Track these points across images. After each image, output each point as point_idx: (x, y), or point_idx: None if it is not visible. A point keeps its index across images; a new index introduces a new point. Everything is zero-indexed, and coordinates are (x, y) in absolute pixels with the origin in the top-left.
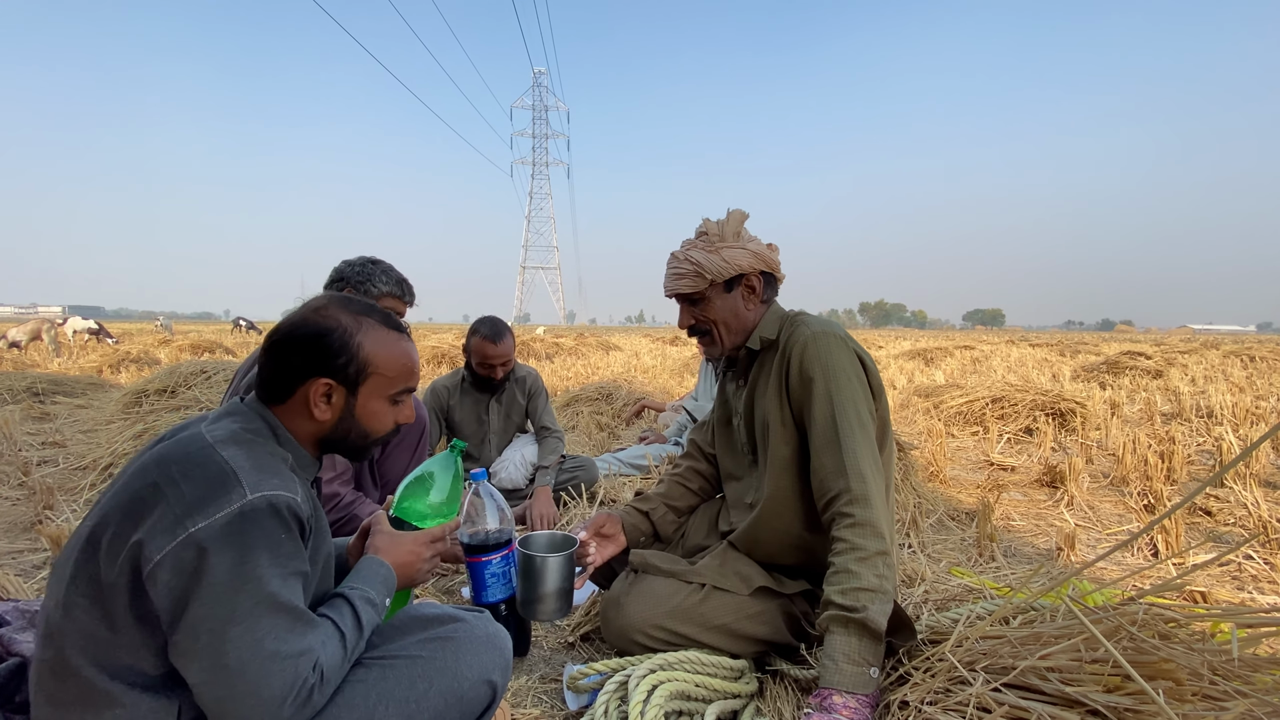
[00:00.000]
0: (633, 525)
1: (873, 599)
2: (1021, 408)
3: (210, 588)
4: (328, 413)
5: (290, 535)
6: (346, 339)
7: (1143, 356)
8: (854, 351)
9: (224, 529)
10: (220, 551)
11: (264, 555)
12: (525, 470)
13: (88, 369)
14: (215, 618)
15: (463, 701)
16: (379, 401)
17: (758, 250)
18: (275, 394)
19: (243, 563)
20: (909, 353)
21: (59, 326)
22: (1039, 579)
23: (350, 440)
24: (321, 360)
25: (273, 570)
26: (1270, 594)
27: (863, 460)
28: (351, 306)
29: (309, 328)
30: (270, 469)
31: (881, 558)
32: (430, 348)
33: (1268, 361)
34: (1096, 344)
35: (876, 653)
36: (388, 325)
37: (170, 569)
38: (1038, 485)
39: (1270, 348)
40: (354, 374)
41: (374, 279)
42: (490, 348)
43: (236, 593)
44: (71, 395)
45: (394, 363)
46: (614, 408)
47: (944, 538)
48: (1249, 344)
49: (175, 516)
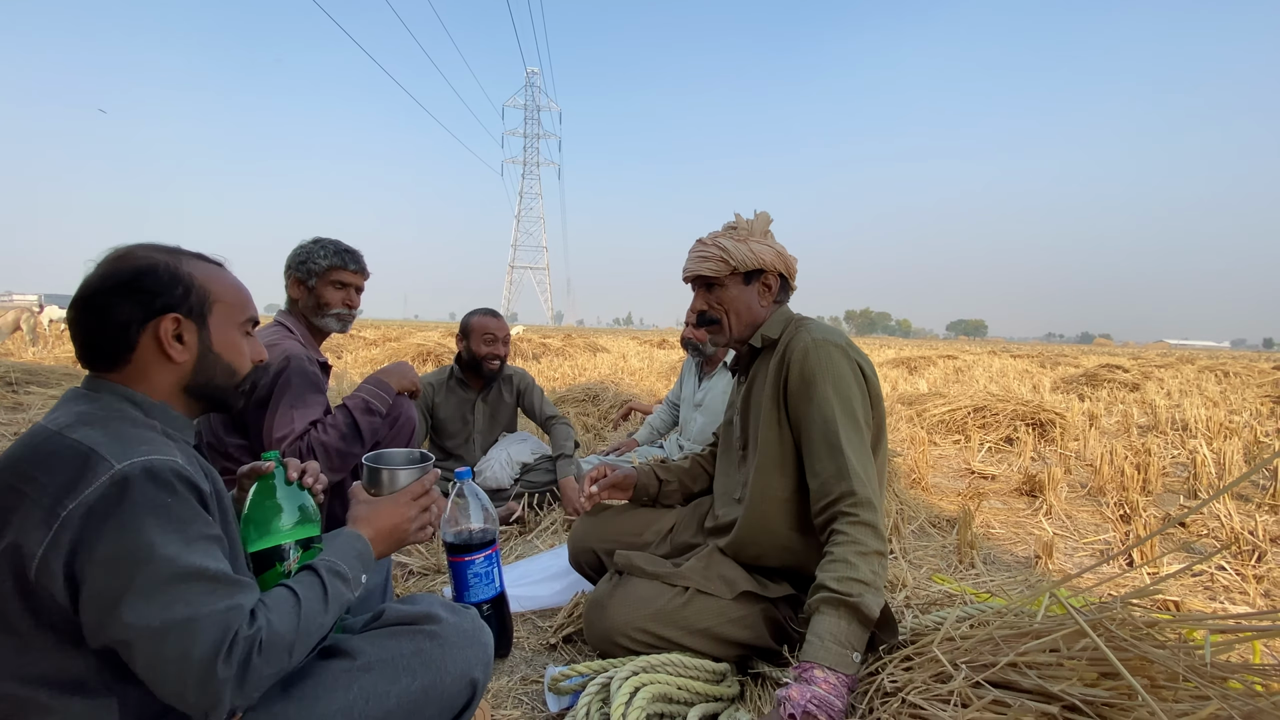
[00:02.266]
0: (642, 486)
1: (866, 590)
2: (1003, 417)
3: (103, 565)
4: (184, 353)
5: (180, 499)
6: (174, 270)
7: (1120, 370)
8: (854, 360)
9: (99, 503)
10: (101, 526)
11: (150, 522)
12: (511, 470)
13: (63, 359)
14: (115, 593)
15: (444, 697)
16: (232, 331)
17: (781, 251)
18: (112, 357)
19: (130, 533)
20: (893, 361)
21: (36, 315)
22: (1018, 586)
23: (217, 382)
24: (155, 297)
25: (167, 537)
26: (1241, 604)
27: (864, 465)
28: (158, 245)
29: (125, 272)
30: (134, 439)
31: (878, 557)
32: (415, 345)
33: (1241, 377)
34: (1076, 356)
35: (862, 639)
36: (204, 258)
37: (56, 559)
38: (1017, 494)
39: (1244, 363)
40: (198, 304)
41: (313, 255)
42: (491, 321)
43: (134, 566)
44: (46, 385)
45: (231, 289)
46: (601, 409)
47: (925, 544)
48: (1223, 359)
49: (45, 508)
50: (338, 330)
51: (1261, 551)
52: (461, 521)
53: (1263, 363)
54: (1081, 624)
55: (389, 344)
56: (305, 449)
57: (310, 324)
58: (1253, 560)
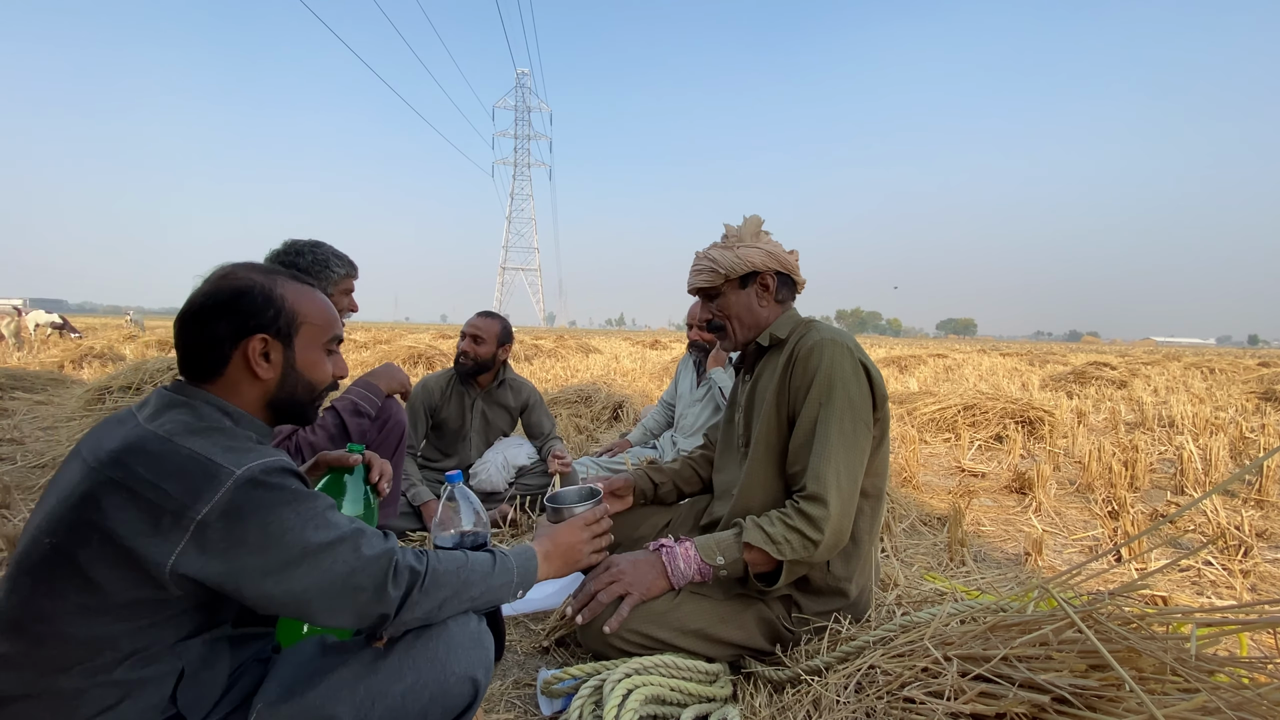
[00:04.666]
0: (640, 489)
1: (757, 531)
2: (992, 415)
3: (258, 549)
4: (270, 371)
5: (299, 490)
6: (268, 293)
7: (1108, 367)
8: (859, 361)
9: (230, 503)
10: (245, 522)
11: (286, 509)
12: (506, 473)
13: (49, 364)
14: (278, 568)
15: (447, 696)
16: (316, 351)
17: (772, 250)
18: (208, 370)
19: (274, 520)
20: (884, 360)
21: (20, 320)
22: (1009, 583)
23: (298, 397)
24: (249, 318)
25: (304, 517)
26: (1228, 598)
27: (828, 466)
28: (258, 266)
29: (224, 292)
30: (241, 448)
31: (803, 541)
32: (406, 348)
33: (1226, 373)
34: (1064, 354)
35: (731, 554)
36: (298, 280)
37: (194, 559)
38: (1007, 491)
39: (1229, 360)
40: (285, 325)
41: (330, 264)
42: (474, 318)
43: (288, 544)
44: (31, 391)
45: (319, 311)
46: (593, 410)
47: (916, 542)
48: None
49: (173, 514)
50: None
51: (1248, 546)
52: (453, 524)
53: (1248, 359)
54: (1072, 616)
55: (380, 346)
56: (293, 449)
57: None
58: (1239, 555)
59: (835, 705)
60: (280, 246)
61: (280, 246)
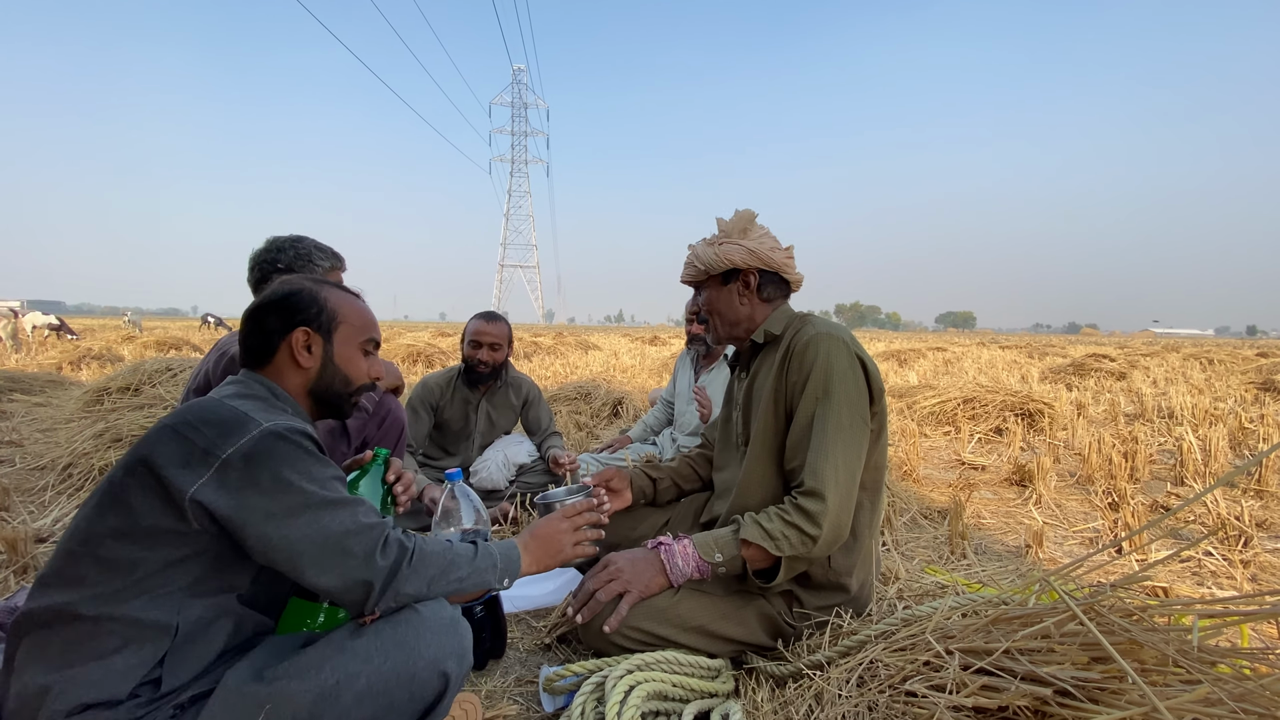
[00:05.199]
0: (639, 488)
1: (754, 527)
2: (992, 408)
3: (269, 494)
4: (310, 360)
5: (315, 454)
6: (314, 294)
7: (1107, 359)
8: (855, 355)
9: (252, 448)
10: (263, 465)
11: (301, 464)
12: (507, 471)
13: (47, 365)
14: (283, 514)
15: (414, 682)
16: (352, 349)
17: (755, 248)
18: (260, 356)
19: (287, 470)
20: (883, 354)
21: (17, 321)
22: (1009, 576)
23: (335, 389)
24: (295, 313)
25: (315, 474)
26: (1229, 589)
27: (826, 461)
28: (310, 277)
29: (279, 293)
30: (276, 413)
31: (801, 536)
32: (405, 346)
33: (1225, 364)
34: (1063, 346)
35: (729, 551)
36: (344, 289)
37: (214, 491)
38: (1007, 484)
39: (1228, 351)
40: (326, 322)
41: (312, 257)
42: (483, 324)
43: (296, 493)
44: (29, 393)
45: (357, 313)
46: (593, 407)
47: (917, 536)
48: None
49: (203, 451)
50: None
51: (1248, 536)
52: (453, 522)
53: (1246, 350)
54: (1074, 609)
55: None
56: None
57: None
58: (1239, 545)
59: (837, 699)
60: (262, 245)
61: (262, 245)
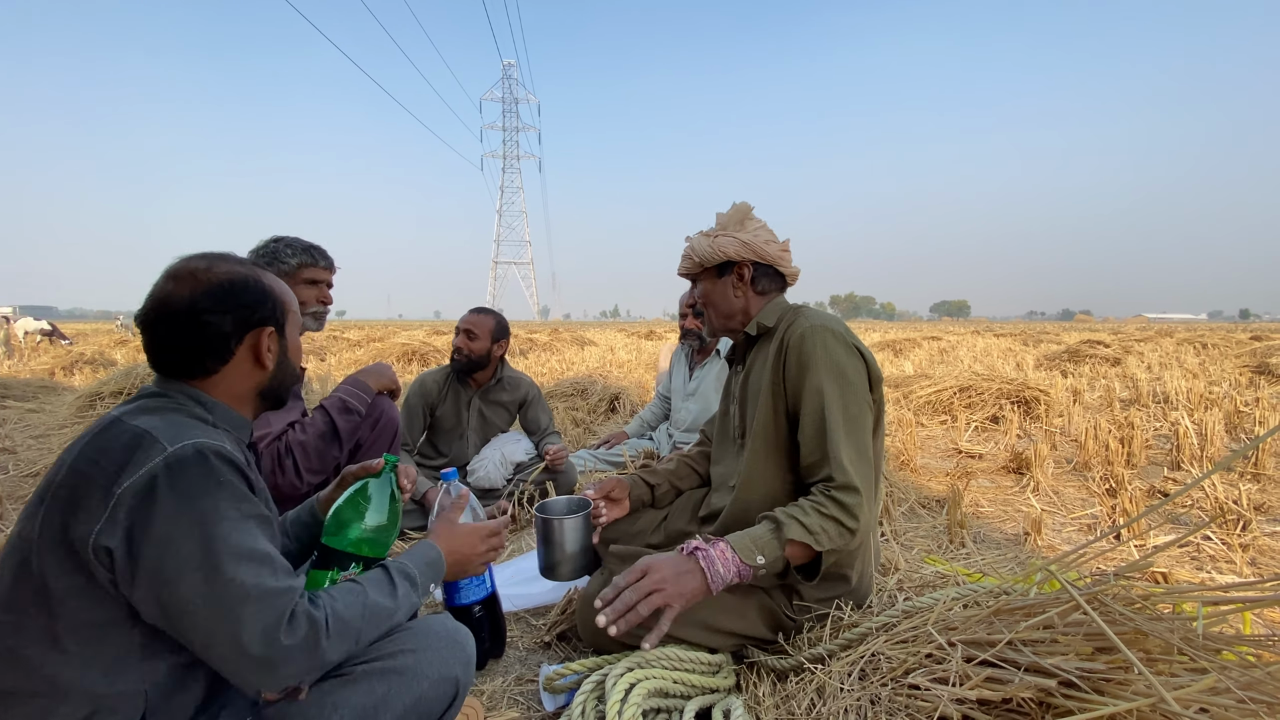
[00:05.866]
0: (638, 496)
1: (795, 523)
2: (988, 396)
3: (158, 542)
4: (273, 360)
5: (230, 481)
6: (261, 283)
7: (1101, 345)
8: (851, 345)
9: (151, 482)
10: (155, 505)
11: (203, 501)
12: (505, 470)
13: (39, 371)
14: (171, 569)
15: (423, 701)
16: (296, 334)
17: (749, 241)
18: (206, 365)
19: (184, 511)
20: (879, 344)
21: (9, 327)
22: (1009, 564)
23: (285, 383)
24: (254, 311)
25: (220, 516)
26: (1229, 573)
27: (855, 451)
28: (229, 257)
29: (220, 287)
30: (188, 426)
31: (839, 529)
32: (400, 345)
33: (1219, 348)
34: (1057, 333)
35: (772, 552)
36: (266, 267)
37: (111, 536)
38: (1004, 472)
39: (1221, 335)
40: (280, 315)
41: (279, 254)
42: (468, 314)
43: (189, 542)
44: (22, 399)
45: (291, 298)
46: (589, 403)
47: (915, 525)
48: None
49: (103, 489)
50: (314, 329)
51: (1246, 520)
52: None
53: (1239, 333)
54: (1078, 599)
55: (373, 344)
56: (283, 449)
57: None
58: (1238, 529)
59: (839, 693)
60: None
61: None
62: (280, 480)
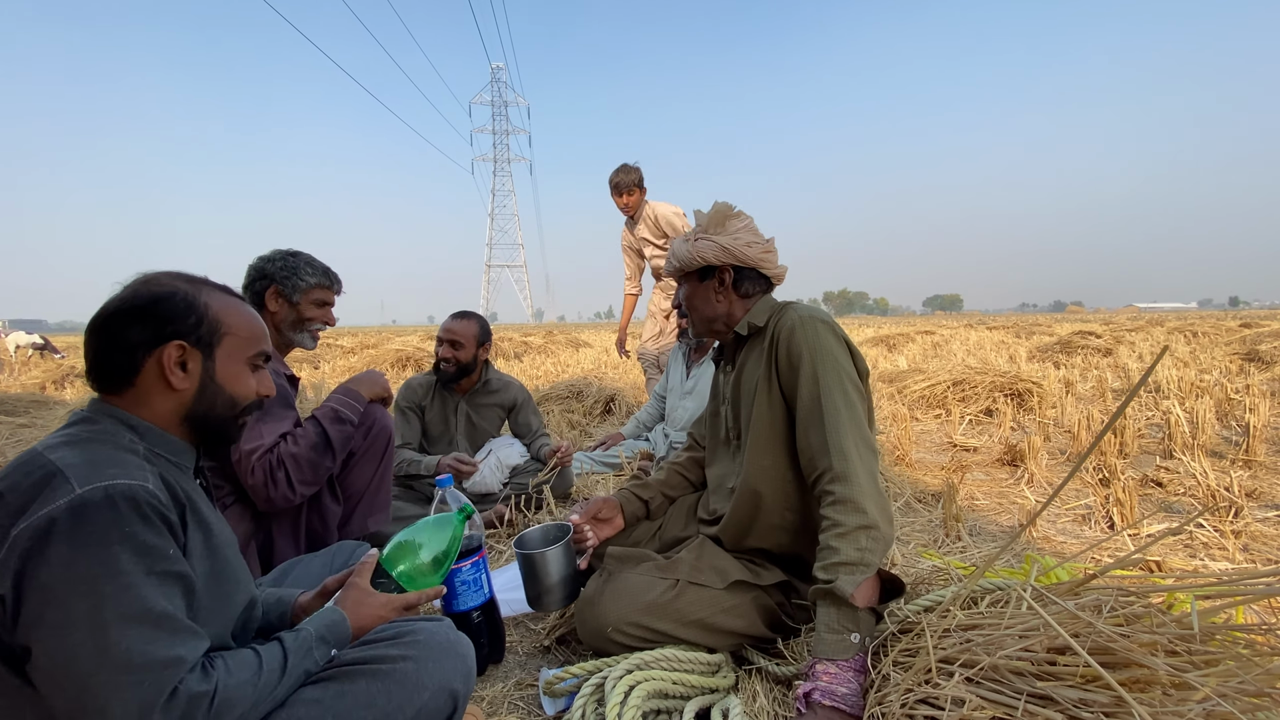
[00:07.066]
0: (631, 512)
1: (841, 571)
2: (981, 389)
3: (40, 592)
4: (186, 382)
5: (144, 529)
6: (191, 299)
7: (1093, 336)
8: (840, 337)
9: (49, 525)
10: (45, 551)
11: (98, 552)
12: (500, 474)
13: (30, 385)
14: (49, 624)
15: (422, 713)
16: (239, 365)
17: (729, 245)
18: (116, 380)
19: (76, 562)
20: (872, 339)
21: (1, 340)
22: (1005, 557)
23: (218, 412)
24: (166, 324)
25: (115, 570)
26: (1221, 560)
27: (845, 438)
28: (182, 274)
29: (142, 297)
30: (109, 461)
31: (864, 531)
32: (394, 351)
33: (1209, 336)
34: (1050, 325)
35: (854, 619)
36: (226, 290)
37: (1, 579)
38: (999, 464)
39: (1211, 323)
40: (207, 334)
41: (299, 272)
42: (449, 321)
43: (72, 597)
44: (13, 414)
45: (245, 324)
46: (585, 405)
47: (911, 520)
48: (1191, 320)
49: (3, 528)
50: (309, 347)
51: (1238, 507)
52: None
53: (1230, 321)
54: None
55: (367, 351)
56: (275, 461)
57: (281, 337)
58: (1230, 516)
59: None
60: (264, 254)
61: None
62: (273, 493)
